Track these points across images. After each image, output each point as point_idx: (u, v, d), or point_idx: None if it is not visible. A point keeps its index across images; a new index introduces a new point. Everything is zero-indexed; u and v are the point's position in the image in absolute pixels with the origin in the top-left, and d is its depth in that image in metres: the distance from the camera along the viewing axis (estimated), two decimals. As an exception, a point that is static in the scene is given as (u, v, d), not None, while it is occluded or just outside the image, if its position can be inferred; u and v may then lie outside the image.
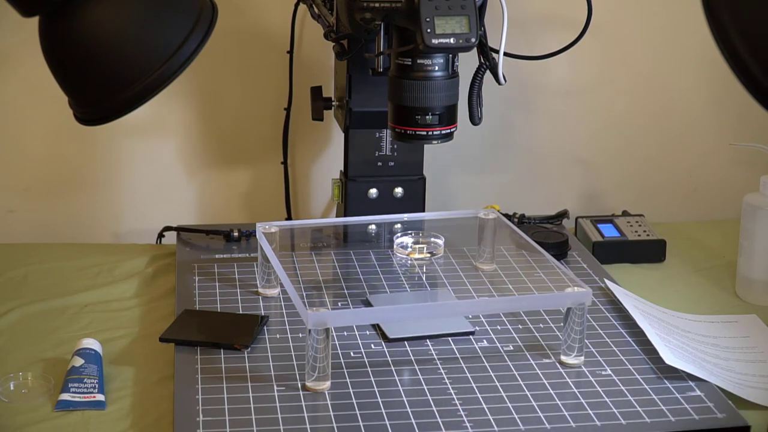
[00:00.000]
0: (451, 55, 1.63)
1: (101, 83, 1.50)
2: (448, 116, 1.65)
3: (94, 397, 1.45)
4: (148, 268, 1.84)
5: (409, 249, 1.77)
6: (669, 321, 1.66)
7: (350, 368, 1.49)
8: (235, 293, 1.70)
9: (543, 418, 1.39)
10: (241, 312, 1.65)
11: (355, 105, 1.81)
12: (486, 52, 1.70)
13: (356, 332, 1.59)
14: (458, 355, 1.53)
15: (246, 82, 2.04)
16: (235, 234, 1.89)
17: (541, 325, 1.62)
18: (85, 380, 1.47)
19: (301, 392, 1.44)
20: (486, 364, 1.51)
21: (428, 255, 1.77)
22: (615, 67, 2.12)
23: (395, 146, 1.87)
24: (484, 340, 1.58)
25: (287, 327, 1.60)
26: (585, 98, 2.13)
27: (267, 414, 1.39)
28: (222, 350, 1.53)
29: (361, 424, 1.37)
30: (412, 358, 1.53)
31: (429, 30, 1.56)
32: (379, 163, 1.88)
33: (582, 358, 1.52)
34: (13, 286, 1.78)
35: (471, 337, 1.58)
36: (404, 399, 1.42)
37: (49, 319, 1.68)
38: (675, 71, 2.14)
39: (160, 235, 1.95)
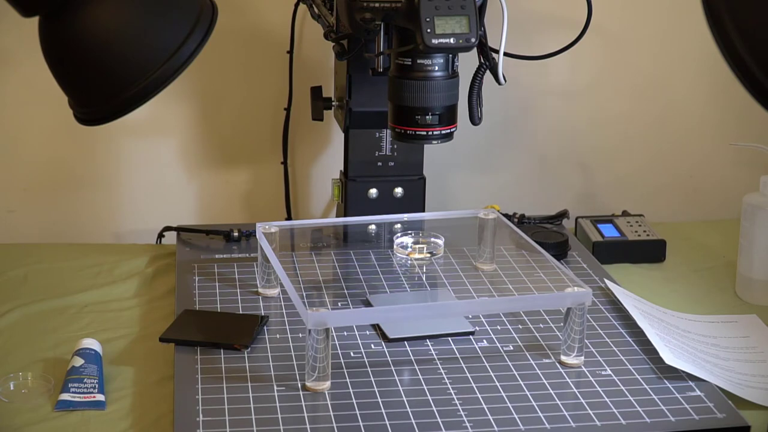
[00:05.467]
0: (451, 55, 1.63)
1: (101, 83, 1.50)
2: (448, 116, 1.65)
3: (94, 397, 1.45)
4: (148, 268, 1.84)
5: (409, 249, 1.77)
6: (669, 321, 1.66)
7: (350, 368, 1.49)
8: (235, 293, 1.70)
9: (543, 418, 1.39)
10: (241, 312, 1.65)
11: (355, 105, 1.81)
12: (486, 52, 1.70)
13: (356, 332, 1.59)
14: (458, 355, 1.53)
15: (246, 82, 2.04)
16: (235, 234, 1.89)
17: (541, 325, 1.62)
18: (85, 380, 1.47)
19: (301, 392, 1.44)
20: (486, 364, 1.51)
21: (428, 255, 1.77)
22: (615, 67, 2.12)
23: (395, 146, 1.87)
24: (484, 340, 1.58)
25: (287, 327, 1.60)
26: (585, 98, 2.13)
27: (267, 414, 1.39)
28: (222, 350, 1.53)
29: (361, 424, 1.37)
30: (412, 358, 1.53)
31: (429, 30, 1.56)
32: (379, 163, 1.88)
33: (582, 358, 1.52)
34: (13, 286, 1.78)
35: (471, 337, 1.58)
36: (404, 399, 1.42)
37: (49, 319, 1.68)
38: (675, 71, 2.14)
39: (160, 235, 1.95)
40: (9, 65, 1.98)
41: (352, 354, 1.53)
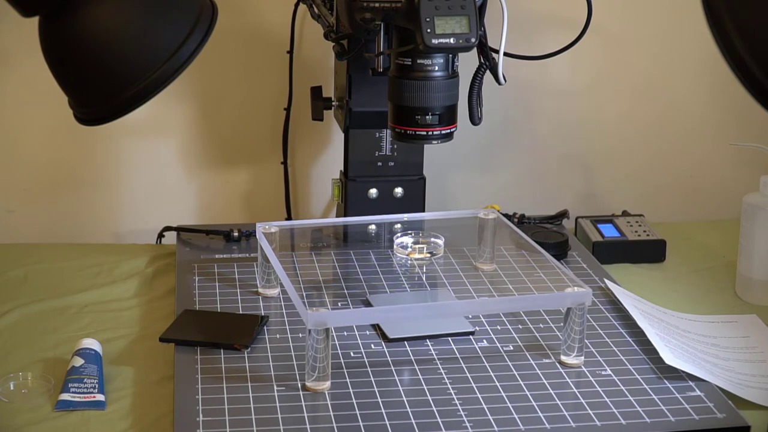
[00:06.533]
0: (451, 55, 1.63)
1: (101, 83, 1.50)
2: (448, 116, 1.65)
3: (94, 397, 1.45)
4: (148, 268, 1.84)
5: (409, 249, 1.77)
6: (669, 321, 1.66)
7: (350, 368, 1.49)
8: (235, 293, 1.70)
9: (543, 418, 1.39)
10: (241, 312, 1.65)
11: (355, 105, 1.81)
12: (486, 52, 1.70)
13: (356, 332, 1.59)
14: (458, 355, 1.53)
15: (246, 82, 2.04)
16: (235, 234, 1.89)
17: (541, 325, 1.62)
18: (85, 380, 1.47)
19: (301, 392, 1.44)
20: (486, 364, 1.51)
21: (428, 255, 1.77)
22: (615, 67, 2.12)
23: (395, 146, 1.87)
24: (484, 340, 1.58)
25: (287, 327, 1.60)
26: (585, 98, 2.13)
27: (267, 414, 1.39)
28: (222, 350, 1.53)
29: (361, 424, 1.37)
30: (412, 358, 1.53)
31: (429, 30, 1.56)
32: (379, 163, 1.88)
33: (582, 358, 1.52)
34: (13, 286, 1.78)
35: (471, 337, 1.58)
36: (404, 399, 1.42)
37: (49, 319, 1.68)
38: (675, 71, 2.14)
39: (160, 235, 1.95)
40: (9, 65, 1.98)
41: (352, 354, 1.53)
